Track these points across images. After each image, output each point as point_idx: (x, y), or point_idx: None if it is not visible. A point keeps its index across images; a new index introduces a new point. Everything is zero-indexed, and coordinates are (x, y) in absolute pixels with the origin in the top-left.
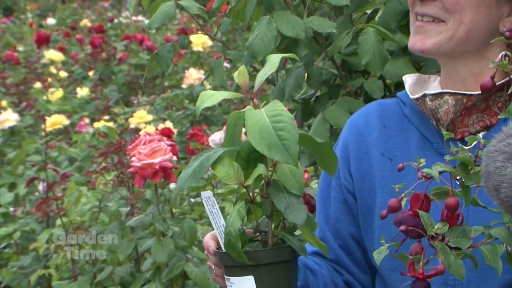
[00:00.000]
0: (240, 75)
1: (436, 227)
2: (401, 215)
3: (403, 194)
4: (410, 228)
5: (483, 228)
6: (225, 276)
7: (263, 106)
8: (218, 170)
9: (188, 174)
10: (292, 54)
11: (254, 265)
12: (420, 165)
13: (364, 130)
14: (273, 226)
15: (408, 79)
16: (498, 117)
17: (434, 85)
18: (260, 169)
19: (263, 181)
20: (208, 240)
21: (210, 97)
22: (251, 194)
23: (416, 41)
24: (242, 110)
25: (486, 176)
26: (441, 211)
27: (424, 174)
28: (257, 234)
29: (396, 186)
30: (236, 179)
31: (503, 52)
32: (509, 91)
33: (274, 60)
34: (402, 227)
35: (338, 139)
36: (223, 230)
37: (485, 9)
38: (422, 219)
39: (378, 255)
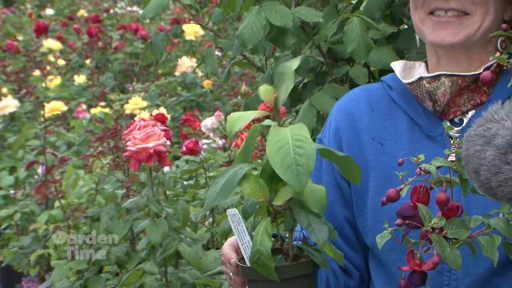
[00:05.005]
0: (266, 93)
1: (433, 222)
2: (402, 206)
3: (402, 186)
4: (407, 222)
5: (482, 218)
6: None
7: (288, 125)
8: (244, 187)
9: (216, 191)
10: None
11: (279, 280)
12: (419, 160)
13: (354, 116)
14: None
15: (397, 66)
16: (490, 58)
17: (420, 71)
18: (289, 191)
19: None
20: (228, 252)
21: (239, 119)
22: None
23: (445, 36)
24: (263, 123)
25: (467, 159)
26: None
27: (423, 169)
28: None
29: (400, 173)
30: (262, 196)
31: (502, 38)
32: (509, 84)
33: (290, 72)
34: (399, 221)
35: (325, 125)
36: (249, 245)
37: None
38: (421, 212)
39: (381, 240)
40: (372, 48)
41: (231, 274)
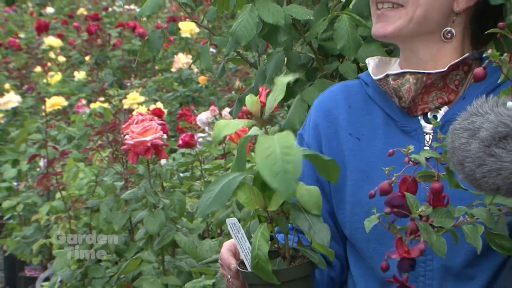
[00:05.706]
0: (252, 104)
1: (420, 209)
2: (391, 195)
3: (393, 178)
4: (395, 210)
5: (466, 208)
6: None
7: (275, 132)
8: (239, 196)
9: (210, 199)
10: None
11: (280, 283)
12: (409, 151)
13: (332, 111)
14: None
15: (371, 62)
16: (484, 55)
17: (395, 67)
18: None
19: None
20: (227, 257)
21: (226, 126)
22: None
23: (379, 28)
24: (250, 133)
25: (452, 151)
26: (428, 194)
27: (412, 159)
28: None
29: (386, 168)
30: (257, 203)
31: (447, 29)
32: (499, 80)
33: (281, 85)
34: (388, 209)
35: (306, 121)
36: (249, 252)
37: None
38: (408, 200)
39: (368, 223)
40: (361, 44)
41: (229, 276)
